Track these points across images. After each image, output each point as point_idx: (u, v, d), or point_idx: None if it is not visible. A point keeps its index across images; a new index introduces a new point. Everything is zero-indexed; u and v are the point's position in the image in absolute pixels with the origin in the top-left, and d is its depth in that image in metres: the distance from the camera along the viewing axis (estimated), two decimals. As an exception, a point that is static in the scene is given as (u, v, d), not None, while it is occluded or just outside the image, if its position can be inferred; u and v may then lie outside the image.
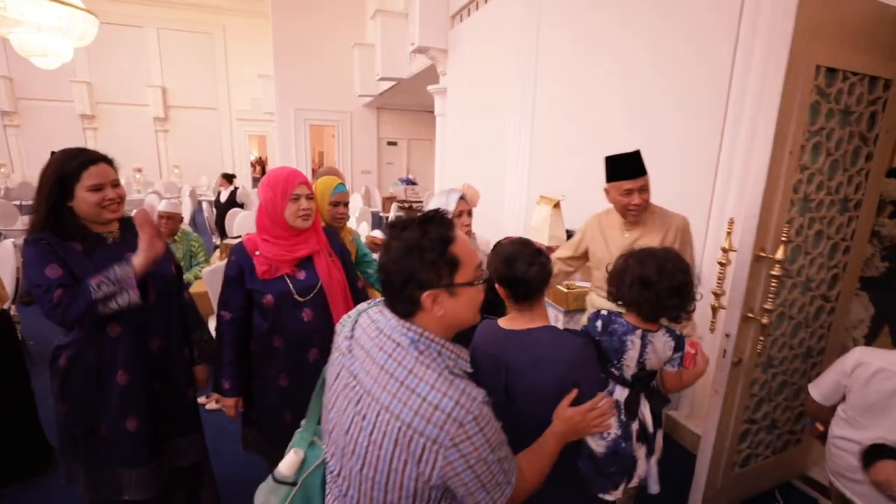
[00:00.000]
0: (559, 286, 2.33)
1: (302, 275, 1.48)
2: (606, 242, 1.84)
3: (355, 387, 0.79)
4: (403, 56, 6.99)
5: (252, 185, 12.96)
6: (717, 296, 1.78)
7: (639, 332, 1.24)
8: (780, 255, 1.56)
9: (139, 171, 9.70)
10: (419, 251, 0.75)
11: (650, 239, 1.72)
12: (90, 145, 11.69)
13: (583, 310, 2.27)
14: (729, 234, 1.74)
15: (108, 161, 1.33)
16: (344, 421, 0.79)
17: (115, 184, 1.33)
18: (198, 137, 13.00)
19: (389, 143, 11.11)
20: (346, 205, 1.94)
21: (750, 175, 1.64)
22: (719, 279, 1.77)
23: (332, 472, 0.86)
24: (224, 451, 2.26)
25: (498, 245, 1.21)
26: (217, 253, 3.96)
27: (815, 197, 1.70)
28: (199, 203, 10.68)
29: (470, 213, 1.87)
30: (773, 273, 1.59)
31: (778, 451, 2.09)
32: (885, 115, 1.74)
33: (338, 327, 0.92)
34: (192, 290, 2.42)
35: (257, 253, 1.45)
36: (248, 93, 12.97)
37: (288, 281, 1.46)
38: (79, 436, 1.34)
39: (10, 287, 3.13)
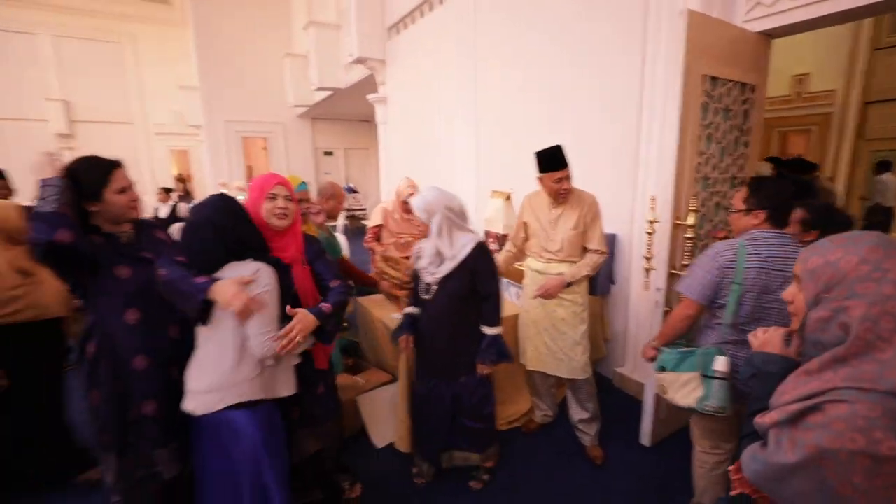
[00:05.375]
0: (517, 265, 2.67)
1: None
2: (538, 217, 2.18)
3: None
4: (338, 66, 7.12)
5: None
6: (647, 259, 2.21)
7: None
8: (690, 220, 2.01)
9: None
10: None
11: (572, 212, 2.09)
12: (-23, 167, 10.44)
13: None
14: (652, 208, 2.18)
15: (123, 166, 1.46)
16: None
17: (133, 185, 1.46)
18: (111, 154, 11.84)
19: (326, 153, 11.06)
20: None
21: (664, 160, 2.09)
22: (648, 245, 2.20)
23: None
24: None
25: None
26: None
27: (712, 175, 2.20)
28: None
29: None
30: (688, 236, 2.04)
31: (701, 385, 2.58)
32: (753, 112, 2.29)
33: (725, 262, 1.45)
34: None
35: None
36: (167, 105, 12.21)
37: None
38: (112, 421, 1.41)
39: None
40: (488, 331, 1.85)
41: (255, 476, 1.35)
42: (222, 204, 1.38)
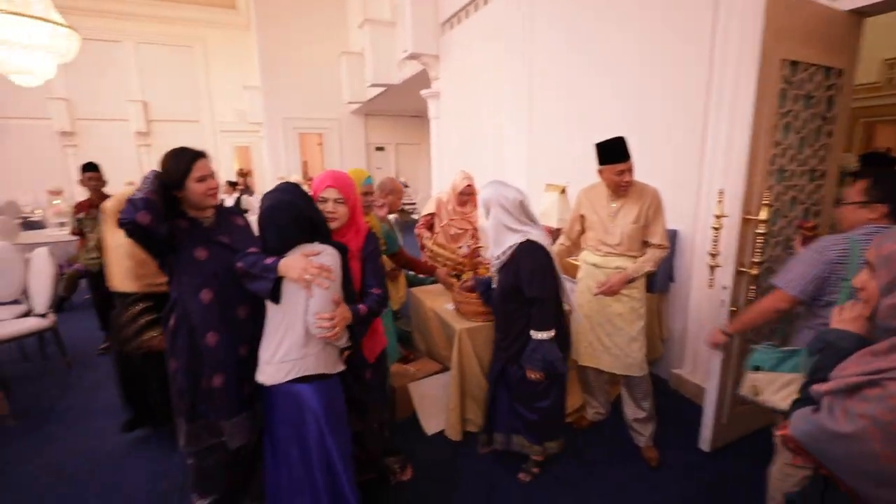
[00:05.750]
0: (570, 260, 2.63)
1: None
2: (596, 211, 2.13)
3: None
4: (392, 63, 7.25)
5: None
6: (713, 256, 2.10)
7: None
8: (763, 215, 1.89)
9: (132, 184, 9.64)
10: None
11: (633, 205, 2.03)
12: (70, 163, 11.63)
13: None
14: (720, 202, 2.07)
15: (206, 156, 1.57)
16: None
17: (213, 175, 1.57)
18: (182, 151, 12.90)
19: (377, 149, 11.34)
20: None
21: (733, 151, 1.97)
22: (714, 241, 2.09)
23: None
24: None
25: None
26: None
27: (789, 168, 2.04)
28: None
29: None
30: (759, 231, 1.92)
31: (769, 391, 2.42)
32: (839, 98, 2.10)
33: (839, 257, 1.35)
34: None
35: None
36: (232, 104, 13.00)
37: None
38: (185, 389, 1.55)
39: (45, 295, 3.25)
40: (534, 334, 1.79)
41: (320, 446, 1.43)
42: (294, 189, 1.48)
